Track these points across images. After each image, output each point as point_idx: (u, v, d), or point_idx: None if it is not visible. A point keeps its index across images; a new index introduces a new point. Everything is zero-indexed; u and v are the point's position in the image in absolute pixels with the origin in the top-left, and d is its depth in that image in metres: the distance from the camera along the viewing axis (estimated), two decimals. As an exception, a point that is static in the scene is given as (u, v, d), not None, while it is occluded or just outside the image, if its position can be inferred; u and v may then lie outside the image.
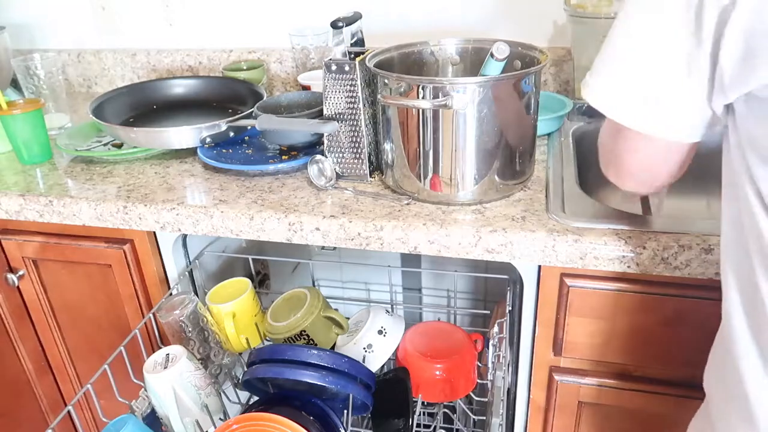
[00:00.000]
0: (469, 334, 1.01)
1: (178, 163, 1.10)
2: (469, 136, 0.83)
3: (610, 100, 0.60)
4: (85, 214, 0.99)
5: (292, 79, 1.46)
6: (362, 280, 1.57)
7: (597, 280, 0.83)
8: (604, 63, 0.60)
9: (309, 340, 0.96)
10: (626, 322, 0.84)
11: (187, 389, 0.83)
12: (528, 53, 0.92)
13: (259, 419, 0.75)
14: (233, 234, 0.92)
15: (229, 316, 0.96)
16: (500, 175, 0.87)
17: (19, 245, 1.10)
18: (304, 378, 0.80)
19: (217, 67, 1.48)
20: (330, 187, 0.95)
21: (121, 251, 1.03)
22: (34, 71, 1.29)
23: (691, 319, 0.82)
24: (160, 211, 0.94)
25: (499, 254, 0.83)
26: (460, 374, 0.95)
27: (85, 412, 1.27)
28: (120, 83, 1.57)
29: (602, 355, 0.88)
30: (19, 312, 1.18)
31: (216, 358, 0.97)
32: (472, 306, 1.51)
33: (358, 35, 1.00)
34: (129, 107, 1.23)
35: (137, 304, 1.08)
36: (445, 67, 1.02)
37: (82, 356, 1.22)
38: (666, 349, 0.85)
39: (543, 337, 0.90)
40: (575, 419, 0.95)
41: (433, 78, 0.97)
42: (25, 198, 1.01)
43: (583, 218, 0.82)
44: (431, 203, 0.89)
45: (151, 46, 1.54)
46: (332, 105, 0.94)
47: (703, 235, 0.77)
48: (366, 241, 0.87)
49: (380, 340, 0.97)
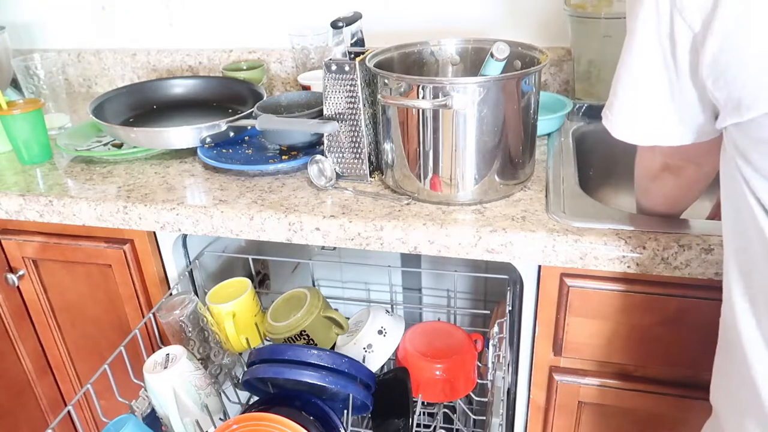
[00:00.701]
0: (469, 334, 1.01)
1: (178, 163, 1.10)
2: (469, 136, 0.83)
3: (624, 129, 0.65)
4: (85, 214, 0.98)
5: (292, 79, 1.46)
6: (362, 280, 1.57)
7: (597, 280, 0.83)
8: (616, 96, 0.64)
9: (309, 340, 0.96)
10: (626, 322, 0.84)
11: (187, 389, 0.83)
12: (528, 53, 0.92)
13: (259, 419, 0.75)
14: (233, 234, 0.92)
15: (229, 316, 0.96)
16: (500, 175, 0.87)
17: (19, 245, 1.10)
18: (304, 378, 0.80)
19: (217, 67, 1.48)
20: (330, 187, 0.95)
21: (121, 251, 1.03)
22: (34, 71, 1.29)
23: (691, 319, 0.82)
24: (160, 211, 0.94)
25: (499, 254, 0.83)
26: (460, 374, 0.95)
27: (85, 412, 1.27)
28: (120, 83, 1.57)
29: (602, 355, 0.88)
30: (19, 312, 1.18)
31: (216, 358, 0.97)
32: (472, 306, 1.50)
33: (358, 35, 0.99)
34: (129, 107, 1.23)
35: (137, 304, 1.08)
36: (445, 67, 1.02)
37: (82, 356, 1.22)
38: (666, 349, 0.85)
39: (543, 337, 0.90)
40: (575, 419, 0.95)
41: (433, 78, 0.97)
42: (25, 198, 1.01)
43: (583, 218, 0.82)
44: (431, 203, 0.89)
45: (151, 46, 1.54)
46: (332, 105, 0.94)
47: (703, 235, 0.77)
48: (366, 241, 0.87)
49: (380, 340, 0.97)
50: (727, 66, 0.51)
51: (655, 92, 0.60)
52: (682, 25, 0.53)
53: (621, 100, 0.64)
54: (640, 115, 0.63)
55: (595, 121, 1.16)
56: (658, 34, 0.56)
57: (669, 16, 0.54)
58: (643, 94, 0.61)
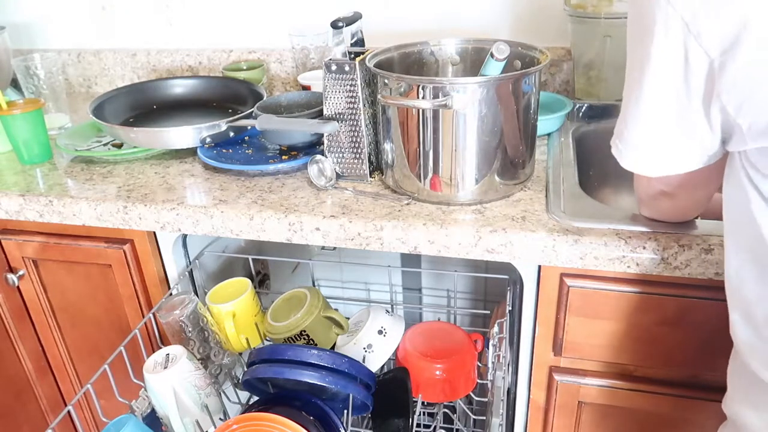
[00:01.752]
0: (469, 334, 1.01)
1: (178, 163, 1.10)
2: (469, 136, 0.83)
3: (634, 161, 0.65)
4: (85, 214, 0.98)
5: (292, 79, 1.46)
6: (362, 280, 1.57)
7: (597, 280, 0.83)
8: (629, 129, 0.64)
9: (309, 340, 0.96)
10: (626, 322, 0.84)
11: (187, 389, 0.83)
12: (528, 53, 0.92)
13: (259, 419, 0.75)
14: (233, 234, 0.92)
15: (229, 316, 0.96)
16: (500, 175, 0.87)
17: (19, 245, 1.10)
18: (304, 378, 0.80)
19: (217, 67, 1.48)
20: (330, 187, 0.95)
21: (121, 251, 1.03)
22: (34, 71, 1.29)
23: (691, 319, 0.82)
24: (160, 211, 0.94)
25: (499, 254, 0.83)
26: (460, 374, 0.95)
27: (85, 412, 1.27)
28: (120, 83, 1.57)
29: (602, 355, 0.88)
30: (19, 312, 1.18)
31: (216, 358, 0.97)
32: (472, 306, 1.51)
33: (358, 35, 0.99)
34: (129, 107, 1.23)
35: (137, 304, 1.08)
36: (445, 67, 1.02)
37: (82, 356, 1.22)
38: (666, 349, 0.85)
39: (543, 337, 0.90)
40: (575, 419, 0.95)
41: (433, 78, 0.97)
42: (25, 198, 1.01)
43: (583, 218, 0.82)
44: (431, 203, 0.89)
45: (151, 46, 1.54)
46: (332, 105, 0.94)
47: (703, 235, 0.77)
48: (366, 241, 0.87)
49: (380, 340, 0.97)
50: (753, 91, 0.50)
51: (666, 123, 0.59)
52: (698, 51, 0.52)
53: (631, 131, 0.63)
54: (652, 147, 0.63)
55: (595, 121, 1.16)
56: (670, 63, 0.55)
57: (683, 43, 0.53)
58: (654, 126, 0.61)
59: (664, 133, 0.60)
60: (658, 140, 0.62)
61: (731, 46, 0.50)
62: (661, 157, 0.63)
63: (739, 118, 0.52)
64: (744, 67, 0.50)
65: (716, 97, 0.53)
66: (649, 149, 0.63)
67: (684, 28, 0.52)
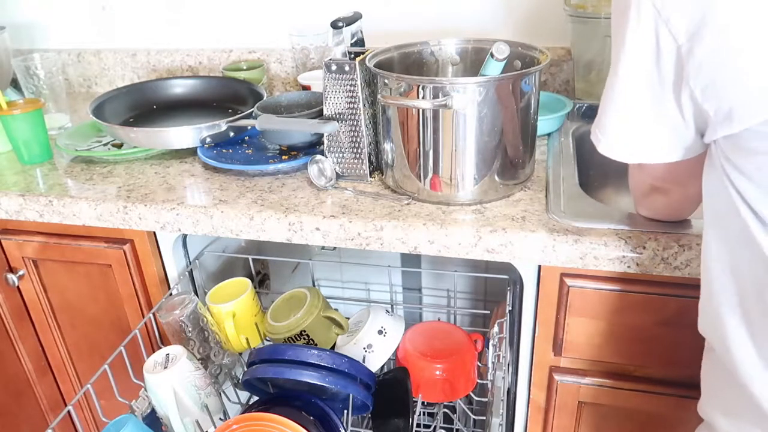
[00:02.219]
0: (469, 334, 1.01)
1: (178, 163, 1.10)
2: (469, 136, 0.83)
3: (611, 147, 0.66)
4: (85, 214, 0.99)
5: (292, 79, 1.46)
6: (362, 280, 1.57)
7: (597, 280, 0.83)
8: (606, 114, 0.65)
9: (309, 340, 0.96)
10: (626, 322, 0.84)
11: (187, 389, 0.83)
12: (528, 53, 0.92)
13: (259, 419, 0.75)
14: (233, 234, 0.92)
15: (229, 316, 0.96)
16: (500, 175, 0.87)
17: (19, 245, 1.10)
18: (304, 378, 0.80)
19: (217, 67, 1.48)
20: (330, 187, 0.95)
21: (121, 251, 1.03)
22: (34, 71, 1.29)
23: (691, 319, 0.81)
24: (160, 211, 0.94)
25: (499, 254, 0.83)
26: (460, 374, 0.95)
27: (85, 412, 1.27)
28: (120, 83, 1.57)
29: (602, 355, 0.88)
30: (19, 312, 1.18)
31: (216, 358, 0.97)
32: (472, 306, 1.50)
33: (358, 35, 0.99)
34: (129, 107, 1.23)
35: (137, 304, 1.08)
36: (445, 67, 1.02)
37: (82, 356, 1.22)
38: (666, 349, 0.85)
39: (543, 337, 0.90)
40: (575, 419, 0.95)
41: (433, 78, 0.97)
42: (25, 198, 1.01)
43: (583, 218, 0.82)
44: (431, 203, 0.89)
45: (151, 46, 1.54)
46: (332, 105, 0.94)
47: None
48: (366, 241, 0.87)
49: (380, 340, 0.97)
50: (716, 75, 0.51)
51: (640, 109, 0.60)
52: (668, 37, 0.53)
53: (608, 116, 0.64)
54: (627, 132, 0.63)
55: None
56: (643, 49, 0.56)
57: (654, 29, 0.54)
58: (628, 111, 0.61)
59: (637, 119, 0.61)
60: (631, 126, 0.62)
61: (696, 31, 0.50)
62: (636, 144, 0.63)
63: (705, 104, 0.53)
64: (709, 52, 0.50)
65: (685, 83, 0.54)
66: (624, 135, 0.63)
67: (655, 14, 0.53)
